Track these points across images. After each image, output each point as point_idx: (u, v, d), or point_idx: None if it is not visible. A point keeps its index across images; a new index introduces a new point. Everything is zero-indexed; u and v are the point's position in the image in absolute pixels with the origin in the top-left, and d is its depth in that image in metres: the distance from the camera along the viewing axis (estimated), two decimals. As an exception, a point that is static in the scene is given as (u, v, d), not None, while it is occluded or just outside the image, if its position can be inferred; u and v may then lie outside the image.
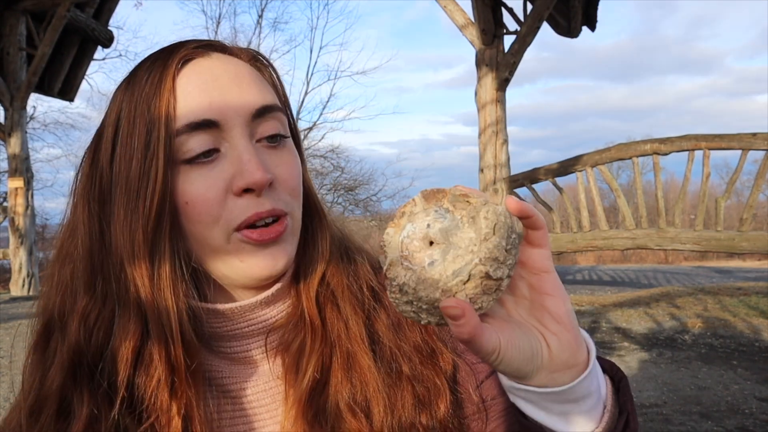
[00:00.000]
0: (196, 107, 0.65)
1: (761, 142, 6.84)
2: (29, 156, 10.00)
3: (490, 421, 0.72)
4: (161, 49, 0.70)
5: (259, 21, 21.83)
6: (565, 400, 0.54)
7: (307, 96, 21.81)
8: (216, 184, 0.65)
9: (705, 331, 5.81)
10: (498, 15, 7.45)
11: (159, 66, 0.67)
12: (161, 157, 0.63)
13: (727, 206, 7.27)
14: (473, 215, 0.49)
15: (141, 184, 0.63)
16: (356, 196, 21.46)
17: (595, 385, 0.56)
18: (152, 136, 0.64)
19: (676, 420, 3.77)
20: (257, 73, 0.72)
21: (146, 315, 0.64)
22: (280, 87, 0.76)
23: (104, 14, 10.68)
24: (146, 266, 0.64)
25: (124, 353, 0.63)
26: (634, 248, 7.62)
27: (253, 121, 0.67)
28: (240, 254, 0.66)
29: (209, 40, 0.72)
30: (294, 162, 0.71)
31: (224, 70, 0.68)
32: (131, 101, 0.66)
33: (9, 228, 9.78)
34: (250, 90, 0.68)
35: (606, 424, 0.56)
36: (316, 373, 0.68)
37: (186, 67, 0.67)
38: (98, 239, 0.67)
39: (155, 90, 0.65)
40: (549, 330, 0.54)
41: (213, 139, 0.65)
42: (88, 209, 0.68)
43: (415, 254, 0.49)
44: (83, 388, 0.64)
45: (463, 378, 0.74)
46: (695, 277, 11.62)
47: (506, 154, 7.58)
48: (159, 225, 0.64)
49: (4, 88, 9.37)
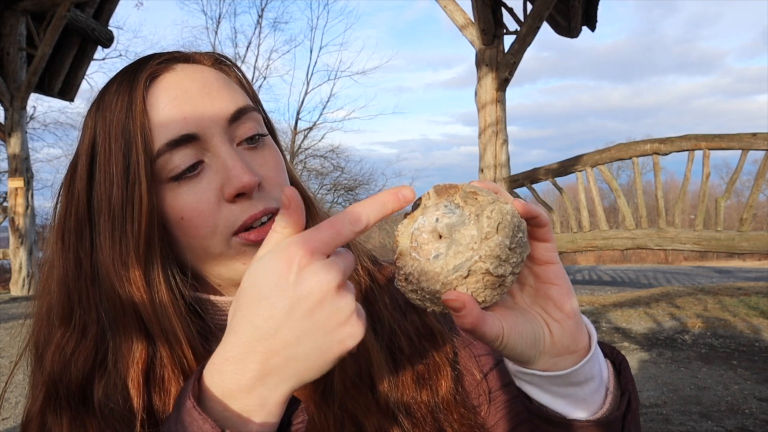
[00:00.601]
0: (172, 124, 0.65)
1: (761, 142, 6.84)
2: (29, 156, 9.99)
3: (496, 411, 0.76)
4: (124, 69, 0.70)
5: (259, 21, 21.89)
6: (568, 383, 0.58)
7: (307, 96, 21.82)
8: (207, 196, 0.65)
9: (705, 331, 5.81)
10: (498, 15, 7.44)
11: (126, 87, 0.66)
12: (143, 180, 0.63)
13: (727, 206, 7.27)
14: (478, 213, 0.50)
15: (126, 209, 0.63)
16: (356, 196, 21.46)
17: (597, 369, 0.59)
18: (131, 160, 0.63)
19: (676, 420, 3.77)
20: (223, 77, 0.72)
21: (152, 335, 0.64)
22: (248, 85, 0.76)
23: (104, 14, 10.67)
24: (143, 285, 0.64)
25: (134, 377, 0.63)
26: (634, 248, 7.62)
27: (230, 126, 0.67)
28: (242, 257, 0.67)
29: (170, 52, 0.71)
30: (277, 158, 0.71)
31: (191, 81, 0.67)
32: (104, 126, 0.66)
33: (9, 228, 9.78)
34: (221, 96, 0.68)
35: (609, 405, 0.60)
36: None
37: (153, 84, 0.67)
38: (74, 270, 0.67)
39: (126, 112, 0.65)
40: (552, 317, 0.57)
41: (195, 152, 0.65)
42: (62, 241, 0.68)
43: (423, 246, 0.52)
44: (61, 416, 0.65)
45: (465, 362, 0.77)
46: (695, 277, 11.62)
47: (506, 154, 7.58)
48: (149, 246, 0.64)
49: (4, 88, 9.36)
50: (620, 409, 0.60)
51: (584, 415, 0.59)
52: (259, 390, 0.48)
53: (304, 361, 0.48)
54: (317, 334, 0.47)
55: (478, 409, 0.76)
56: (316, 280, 0.47)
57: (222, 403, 0.48)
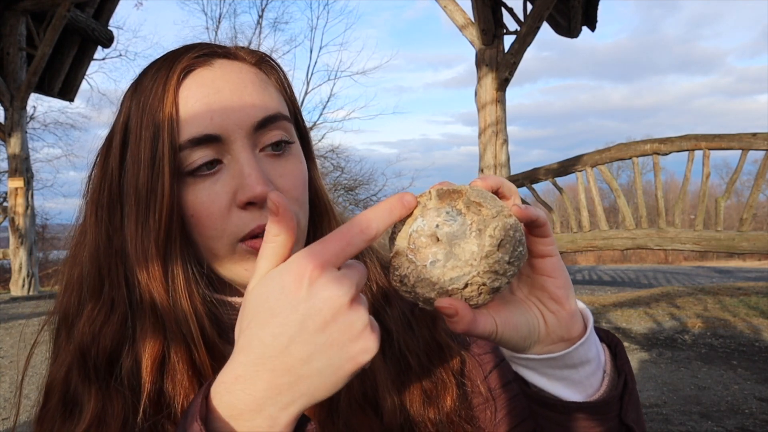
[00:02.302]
0: (198, 122, 0.64)
1: (761, 142, 6.84)
2: (29, 156, 9.99)
3: (499, 409, 0.77)
4: (166, 55, 0.70)
5: (260, 21, 21.87)
6: (563, 365, 0.59)
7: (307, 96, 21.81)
8: (219, 198, 0.65)
9: (705, 331, 5.81)
10: (498, 15, 7.44)
11: (162, 76, 0.66)
12: (167, 171, 0.63)
13: (727, 206, 7.27)
14: (481, 228, 0.50)
15: (150, 197, 0.64)
16: (356, 196, 21.45)
17: (593, 353, 0.60)
18: (158, 149, 0.64)
19: (676, 420, 3.77)
20: (263, 78, 0.71)
21: (165, 325, 0.64)
22: (288, 90, 0.75)
23: (104, 14, 10.68)
24: (161, 278, 0.64)
25: (147, 363, 0.63)
26: (634, 248, 7.62)
27: (255, 132, 0.67)
28: (245, 263, 0.67)
29: (213, 46, 0.71)
30: (298, 169, 0.70)
31: (226, 81, 0.67)
32: (137, 110, 0.66)
33: (9, 228, 9.78)
34: (253, 100, 0.67)
35: (607, 386, 0.61)
36: None
37: (188, 78, 0.67)
38: (105, 245, 0.68)
39: (159, 102, 0.65)
40: (547, 308, 0.58)
41: (216, 153, 0.65)
42: (95, 215, 0.69)
43: (420, 249, 0.51)
44: (90, 386, 0.66)
45: (470, 371, 0.77)
46: (695, 277, 11.62)
47: (506, 154, 7.58)
48: (169, 238, 0.64)
49: (4, 88, 9.36)
50: (617, 389, 0.61)
51: (582, 397, 0.60)
52: (269, 409, 0.46)
53: (316, 378, 0.46)
54: (330, 350, 0.46)
55: (483, 406, 0.76)
56: (328, 294, 0.46)
57: (229, 424, 0.46)
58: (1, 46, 9.28)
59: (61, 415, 0.67)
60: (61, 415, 0.67)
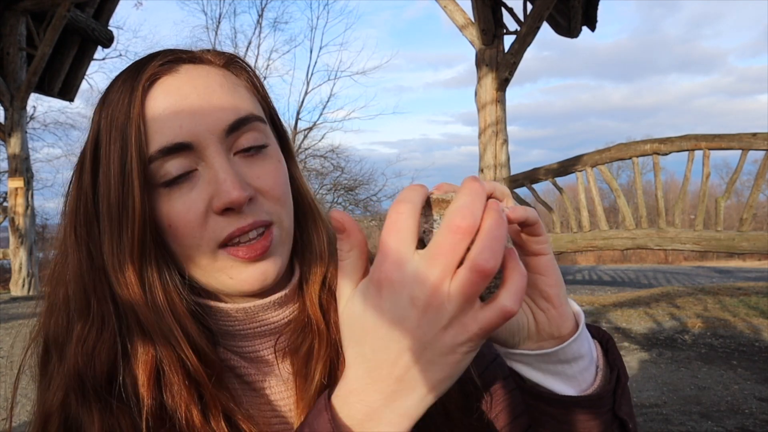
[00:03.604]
0: (167, 131, 0.64)
1: (761, 142, 6.84)
2: (29, 156, 9.99)
3: (495, 405, 0.78)
4: (130, 65, 0.69)
5: (259, 21, 21.91)
6: (557, 360, 0.59)
7: (307, 96, 21.81)
8: (195, 206, 0.64)
9: (705, 331, 5.81)
10: (498, 15, 7.45)
11: (128, 87, 0.65)
12: (137, 185, 0.62)
13: (727, 206, 7.27)
14: None
15: (122, 212, 0.63)
16: (356, 196, 21.47)
17: (586, 348, 0.61)
18: (126, 163, 0.63)
19: (676, 420, 3.77)
20: (232, 80, 0.70)
21: (153, 338, 0.64)
22: (261, 89, 0.74)
23: (104, 14, 10.68)
24: (139, 292, 0.64)
25: (143, 378, 0.63)
26: (634, 248, 7.63)
27: (227, 136, 0.66)
28: (228, 271, 0.66)
29: (178, 51, 0.69)
30: (277, 169, 0.69)
31: (193, 87, 0.66)
32: (106, 124, 0.65)
33: (9, 228, 9.77)
34: (222, 103, 0.66)
35: (600, 381, 0.62)
36: (324, 380, 0.69)
37: (154, 87, 0.65)
38: (87, 262, 0.67)
39: (125, 114, 0.64)
40: (538, 306, 0.59)
41: (189, 161, 0.64)
42: (75, 234, 0.68)
43: None
44: (92, 408, 0.64)
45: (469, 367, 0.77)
46: (695, 277, 11.62)
47: (506, 154, 7.58)
48: (143, 251, 0.64)
49: (4, 88, 9.36)
50: (610, 383, 0.61)
51: (575, 392, 0.60)
52: (388, 416, 0.48)
53: (426, 379, 0.47)
54: (426, 350, 0.47)
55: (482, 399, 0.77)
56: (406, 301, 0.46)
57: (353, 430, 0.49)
58: (1, 46, 9.28)
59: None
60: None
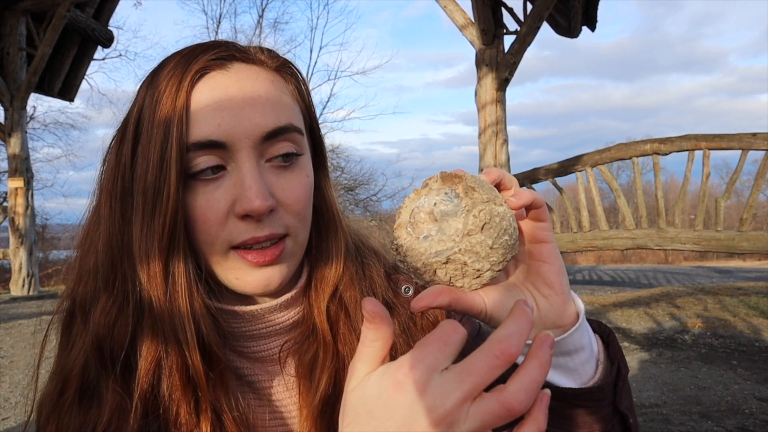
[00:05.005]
0: (205, 126, 0.64)
1: (761, 142, 6.84)
2: (29, 156, 9.99)
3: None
4: (185, 50, 0.69)
5: (260, 21, 21.83)
6: (558, 352, 0.60)
7: (307, 96, 21.77)
8: (218, 205, 0.65)
9: (705, 331, 5.81)
10: (498, 15, 7.44)
11: (177, 74, 0.66)
12: (173, 174, 0.63)
13: (727, 206, 7.27)
14: (469, 209, 0.53)
15: (157, 197, 0.64)
16: (356, 196, 21.46)
17: (586, 341, 0.61)
18: (166, 150, 0.64)
19: (676, 420, 3.77)
20: (280, 85, 0.70)
21: (162, 328, 0.64)
22: (307, 99, 0.74)
23: (104, 14, 10.68)
24: (161, 280, 0.64)
25: (144, 364, 0.64)
26: (634, 248, 7.62)
27: (263, 143, 0.66)
28: (235, 271, 0.67)
29: (232, 48, 0.69)
30: (303, 183, 0.69)
31: (240, 88, 0.66)
32: (151, 104, 0.66)
33: (9, 228, 9.77)
34: (264, 110, 0.66)
35: (601, 374, 0.62)
36: (329, 389, 0.70)
37: (201, 81, 0.66)
38: (118, 237, 0.67)
39: (171, 101, 0.65)
40: (540, 293, 0.59)
41: (219, 159, 0.65)
42: (110, 205, 0.68)
43: (418, 224, 0.55)
44: (108, 377, 0.66)
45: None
46: (695, 277, 11.62)
47: (506, 154, 7.58)
48: (172, 240, 0.64)
49: (4, 88, 9.36)
50: (611, 376, 0.62)
51: (576, 384, 0.61)
52: None
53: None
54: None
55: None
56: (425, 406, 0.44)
57: None
58: (1, 46, 9.28)
59: (79, 405, 0.67)
60: (78, 405, 0.67)
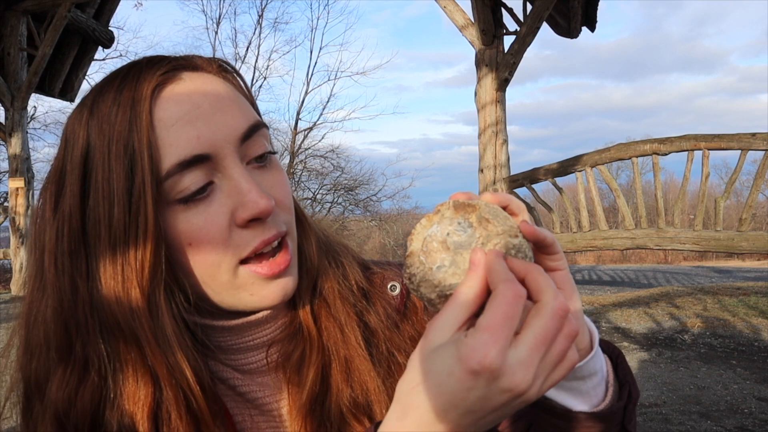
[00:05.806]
0: (184, 143, 0.60)
1: (760, 142, 6.85)
2: (30, 156, 9.99)
3: None
4: (122, 74, 0.63)
5: (259, 21, 21.81)
6: (572, 377, 0.59)
7: (307, 96, 21.80)
8: (218, 220, 0.61)
9: (705, 331, 5.82)
10: (498, 15, 7.45)
11: (128, 98, 0.60)
12: (149, 203, 0.58)
13: (727, 206, 7.28)
14: (484, 242, 0.53)
15: (129, 233, 0.59)
16: (356, 196, 21.46)
17: (599, 365, 0.61)
18: (135, 180, 0.58)
19: (675, 420, 3.78)
20: (231, 87, 0.67)
21: (157, 375, 0.61)
22: (249, 94, 0.71)
23: (105, 14, 10.68)
24: (147, 318, 0.60)
25: (141, 416, 0.60)
26: (634, 248, 7.62)
27: (242, 145, 0.63)
28: (249, 288, 0.64)
29: (175, 58, 0.65)
30: (284, 179, 0.68)
31: (203, 95, 0.62)
32: (101, 140, 0.60)
33: (10, 228, 9.78)
34: (233, 112, 0.64)
35: (611, 398, 0.62)
36: (315, 387, 0.69)
37: (160, 96, 0.61)
38: (70, 298, 0.61)
39: (130, 127, 0.59)
40: None
41: (206, 173, 0.61)
42: (55, 265, 0.62)
43: (431, 253, 0.54)
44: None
45: None
46: (695, 277, 11.62)
47: (506, 155, 7.58)
48: (154, 272, 0.60)
49: (4, 88, 9.37)
50: (621, 400, 0.62)
51: (587, 407, 0.61)
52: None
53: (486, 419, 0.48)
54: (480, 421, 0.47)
55: None
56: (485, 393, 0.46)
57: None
58: (2, 47, 9.28)
59: None
60: None
